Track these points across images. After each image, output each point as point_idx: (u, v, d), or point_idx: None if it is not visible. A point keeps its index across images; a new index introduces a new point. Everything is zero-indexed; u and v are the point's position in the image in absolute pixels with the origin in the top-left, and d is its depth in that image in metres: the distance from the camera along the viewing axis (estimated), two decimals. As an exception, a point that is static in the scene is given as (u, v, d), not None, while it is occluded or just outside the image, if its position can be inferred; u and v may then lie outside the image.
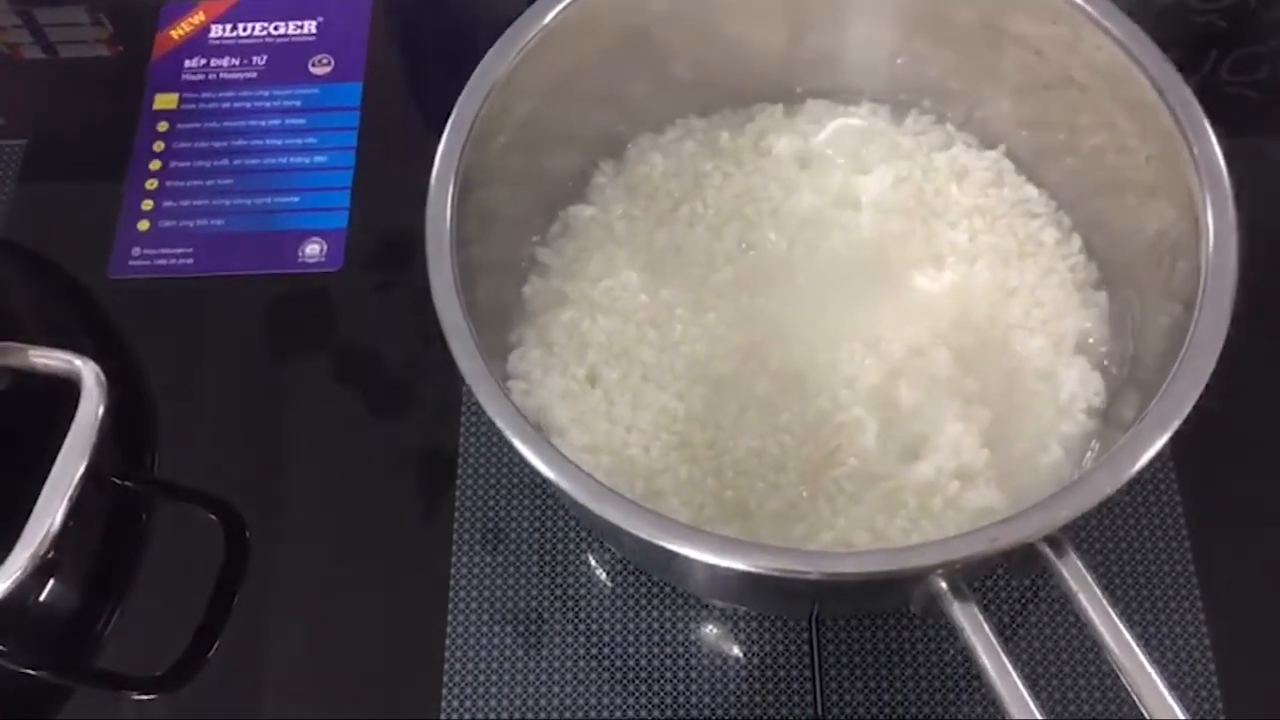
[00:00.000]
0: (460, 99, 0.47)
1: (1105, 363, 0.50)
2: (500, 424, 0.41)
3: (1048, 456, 0.48)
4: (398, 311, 0.58)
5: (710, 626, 0.51)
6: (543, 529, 0.53)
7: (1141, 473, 0.38)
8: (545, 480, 0.40)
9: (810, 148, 0.55)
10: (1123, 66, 0.46)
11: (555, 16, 0.48)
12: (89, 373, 0.48)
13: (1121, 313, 0.50)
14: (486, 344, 0.44)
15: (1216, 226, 0.42)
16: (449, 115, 0.47)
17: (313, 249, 0.59)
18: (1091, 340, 0.50)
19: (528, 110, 0.49)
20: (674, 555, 0.38)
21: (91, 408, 0.48)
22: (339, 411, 0.56)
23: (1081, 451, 0.48)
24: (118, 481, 0.55)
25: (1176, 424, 0.39)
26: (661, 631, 0.51)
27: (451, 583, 0.52)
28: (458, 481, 0.54)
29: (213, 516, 0.54)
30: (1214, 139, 0.43)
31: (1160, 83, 0.45)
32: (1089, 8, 0.46)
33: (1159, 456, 0.39)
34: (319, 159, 0.62)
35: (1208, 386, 0.39)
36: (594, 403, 0.50)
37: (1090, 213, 0.52)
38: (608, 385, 0.50)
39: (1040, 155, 0.53)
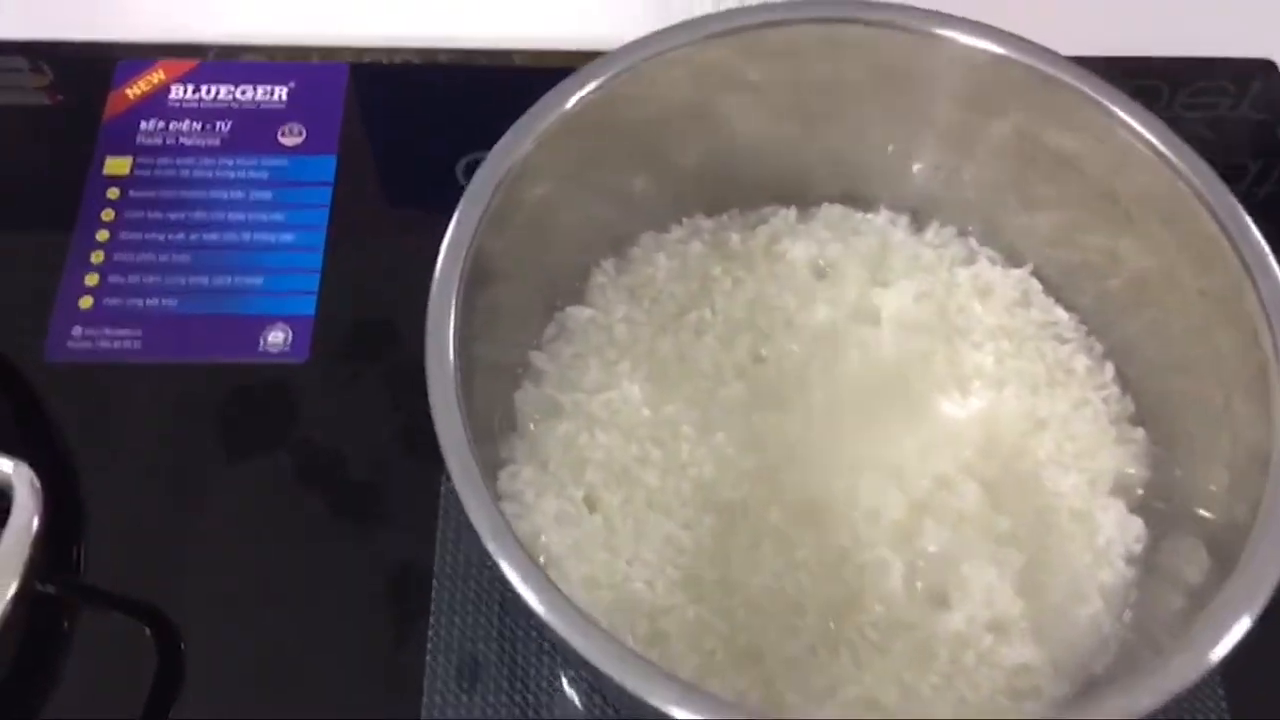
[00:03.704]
0: (474, 180, 0.43)
1: (1146, 505, 0.46)
2: (503, 564, 0.36)
3: (1086, 608, 0.44)
4: (368, 408, 0.53)
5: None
6: (527, 664, 0.48)
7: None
8: (554, 637, 0.35)
9: (825, 255, 0.52)
10: (1177, 194, 0.43)
11: (576, 102, 0.45)
12: (22, 479, 0.43)
13: (1164, 454, 0.47)
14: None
15: (1292, 376, 0.39)
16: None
17: (276, 336, 0.54)
18: (1130, 480, 0.47)
19: (536, 199, 0.46)
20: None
21: (25, 519, 0.43)
22: (298, 518, 0.51)
23: (1122, 603, 0.45)
24: (39, 586, 0.49)
25: (1264, 600, 0.35)
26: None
27: (422, 722, 0.47)
28: (432, 605, 0.49)
29: (146, 629, 0.49)
30: (1287, 279, 0.40)
31: (1222, 215, 0.42)
32: (1143, 130, 0.44)
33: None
34: (286, 237, 0.57)
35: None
36: (593, 529, 0.45)
37: (1125, 340, 0.49)
38: (608, 510, 0.46)
39: (1071, 276, 0.50)
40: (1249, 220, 0.42)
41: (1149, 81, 0.63)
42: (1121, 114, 0.44)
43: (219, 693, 0.47)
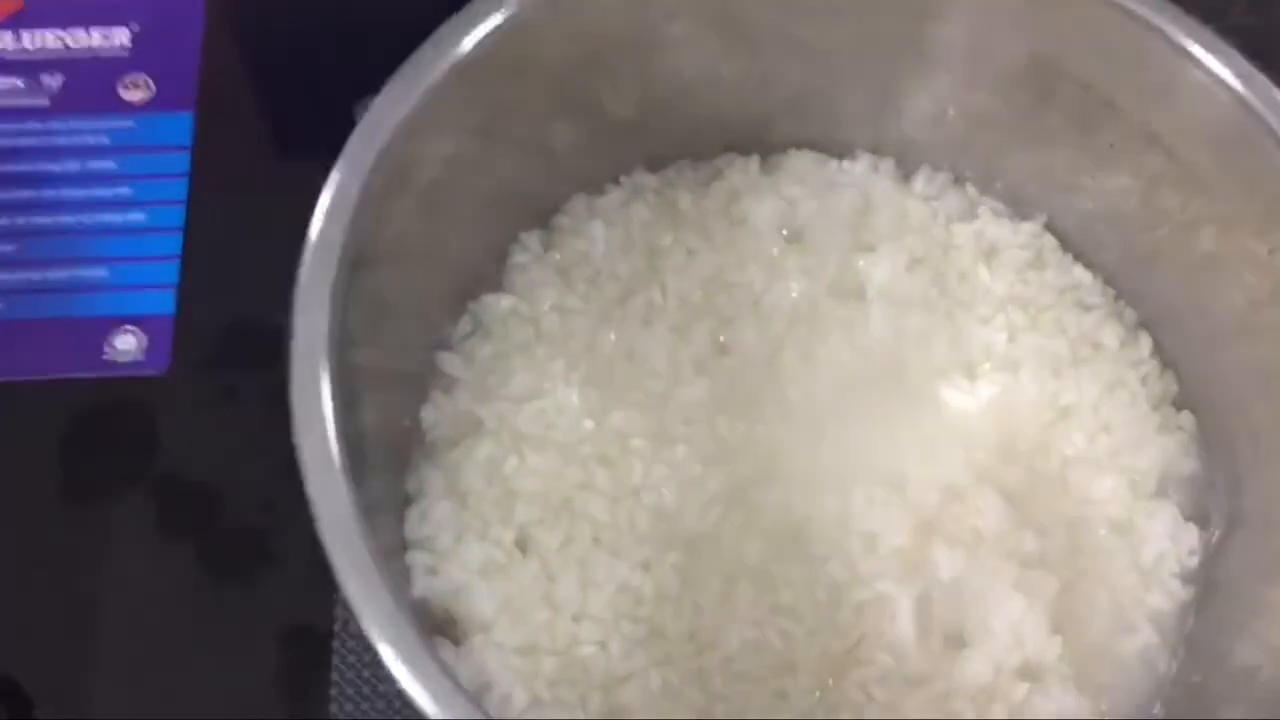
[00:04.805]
0: (350, 143, 0.35)
1: (1200, 509, 0.40)
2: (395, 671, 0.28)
3: (1134, 640, 0.38)
4: (245, 430, 0.45)
5: None
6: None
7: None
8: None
9: (796, 216, 0.44)
10: (1243, 130, 0.36)
11: (479, 41, 0.36)
12: None
13: (1220, 444, 0.40)
14: (373, 497, 0.33)
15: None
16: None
17: (126, 342, 0.46)
18: (1179, 478, 0.40)
19: (435, 161, 0.38)
20: None
21: None
22: (165, 570, 0.43)
23: (1178, 630, 0.39)
24: None
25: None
26: None
27: (327, 815, 0.39)
28: (333, 673, 0.41)
29: (-5, 704, 0.42)
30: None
31: (1306, 157, 0.34)
32: (1200, 52, 0.35)
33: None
34: (135, 217, 0.48)
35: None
36: (527, 580, 0.38)
37: (1163, 306, 0.42)
38: (545, 554, 0.39)
39: (1093, 228, 0.43)
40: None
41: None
42: (1171, 32, 0.36)
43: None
